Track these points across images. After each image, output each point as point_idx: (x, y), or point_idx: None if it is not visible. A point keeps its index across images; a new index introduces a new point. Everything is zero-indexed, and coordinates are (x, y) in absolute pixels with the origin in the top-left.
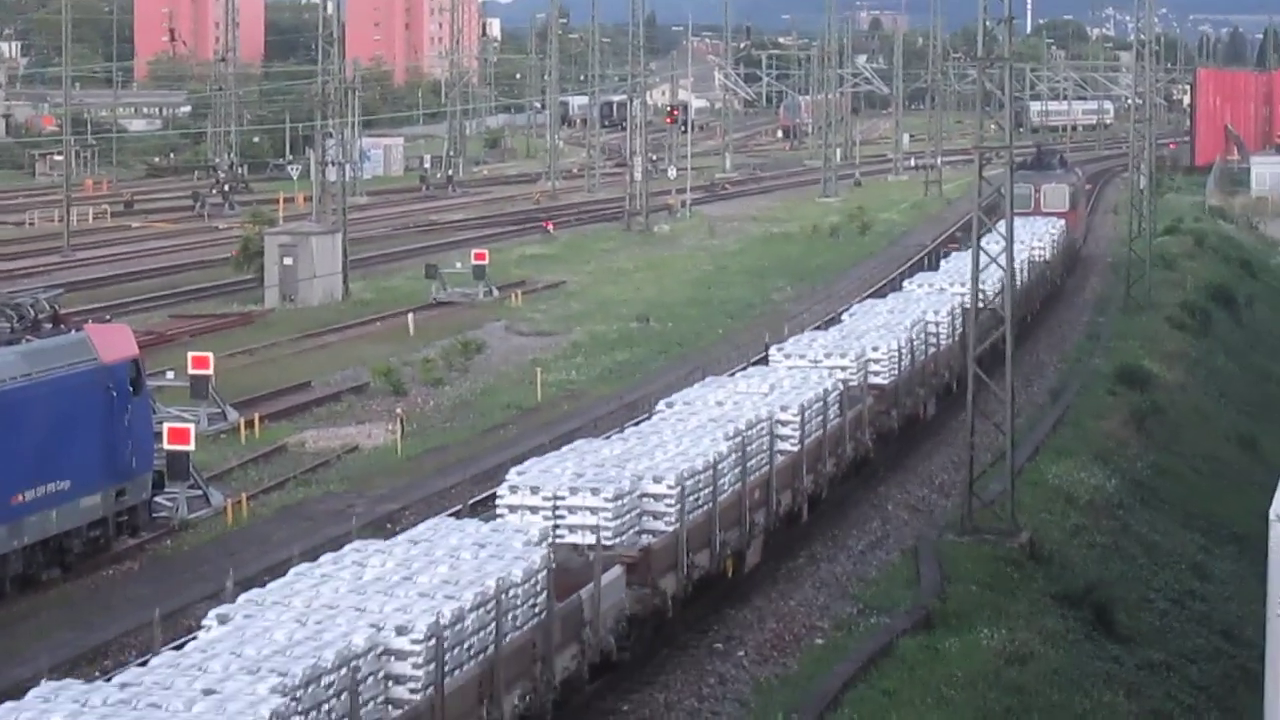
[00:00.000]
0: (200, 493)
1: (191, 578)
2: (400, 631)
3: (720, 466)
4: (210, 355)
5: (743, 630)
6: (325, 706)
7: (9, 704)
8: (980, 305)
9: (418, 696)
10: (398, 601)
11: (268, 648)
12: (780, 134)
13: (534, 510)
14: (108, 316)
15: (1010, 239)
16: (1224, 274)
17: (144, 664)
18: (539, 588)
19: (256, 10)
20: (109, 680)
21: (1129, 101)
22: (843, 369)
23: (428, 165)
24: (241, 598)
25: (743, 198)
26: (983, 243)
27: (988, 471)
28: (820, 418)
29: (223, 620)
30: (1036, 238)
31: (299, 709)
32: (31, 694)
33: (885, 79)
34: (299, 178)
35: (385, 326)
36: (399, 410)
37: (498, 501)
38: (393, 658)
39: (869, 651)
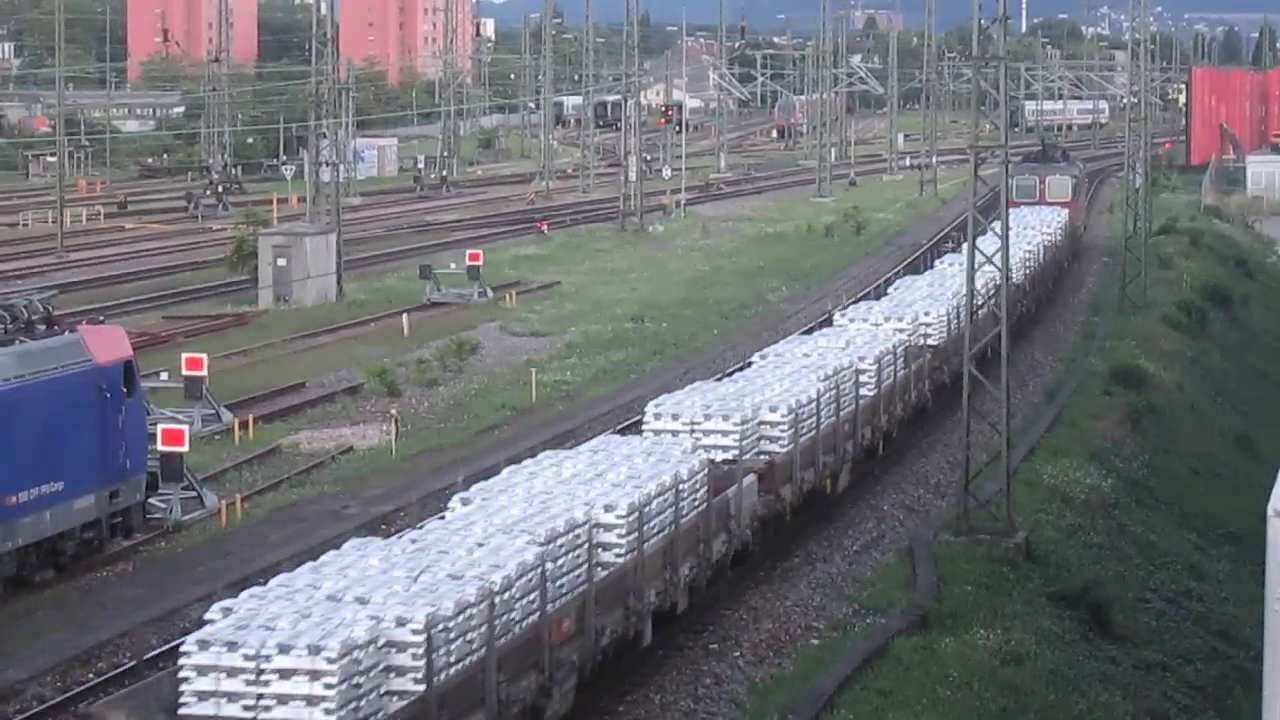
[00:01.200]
0: (194, 494)
1: (185, 579)
2: (608, 509)
3: (820, 401)
4: (204, 356)
5: (738, 631)
6: (560, 560)
7: (331, 552)
8: (979, 305)
9: (624, 558)
10: (597, 490)
11: (509, 519)
12: (775, 134)
13: (675, 434)
14: (101, 318)
15: (1006, 238)
16: (1220, 273)
17: (419, 528)
18: (699, 485)
19: (250, 10)
20: (401, 537)
21: (1124, 101)
22: (900, 330)
23: (422, 165)
24: (475, 486)
25: (737, 198)
26: (979, 242)
27: (983, 471)
28: (890, 368)
29: (465, 503)
30: (1045, 224)
31: (548, 557)
32: (347, 545)
33: (880, 79)
34: (293, 178)
35: (379, 327)
36: (393, 411)
37: (644, 427)
38: (601, 529)
39: (865, 652)
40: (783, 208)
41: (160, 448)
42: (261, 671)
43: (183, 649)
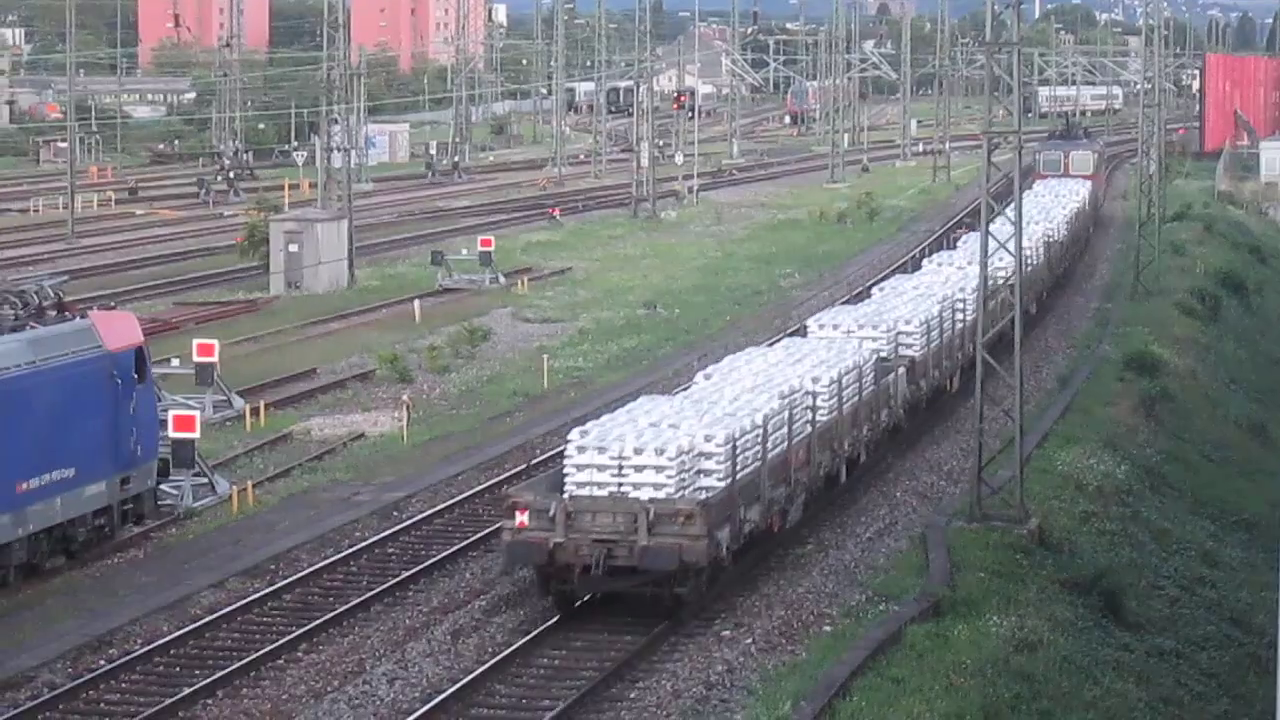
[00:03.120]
0: (205, 481)
1: (197, 566)
2: (815, 380)
3: (941, 316)
4: (215, 343)
5: (751, 618)
6: (794, 411)
7: (629, 404)
8: (997, 282)
9: (830, 415)
10: (800, 371)
11: (746, 386)
12: (787, 120)
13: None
14: (112, 304)
15: (1019, 224)
16: (1233, 260)
17: (681, 392)
18: (869, 371)
19: None
20: (674, 395)
21: (1138, 87)
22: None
23: (433, 152)
24: (710, 367)
25: (750, 184)
26: (992, 227)
27: (996, 458)
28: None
29: (707, 378)
30: (1073, 193)
31: (786, 407)
32: (639, 400)
33: (893, 64)
34: (304, 164)
35: (391, 313)
36: (405, 398)
37: (809, 334)
38: (813, 395)
39: (878, 639)
40: (796, 194)
41: (171, 434)
42: (622, 465)
43: (565, 451)
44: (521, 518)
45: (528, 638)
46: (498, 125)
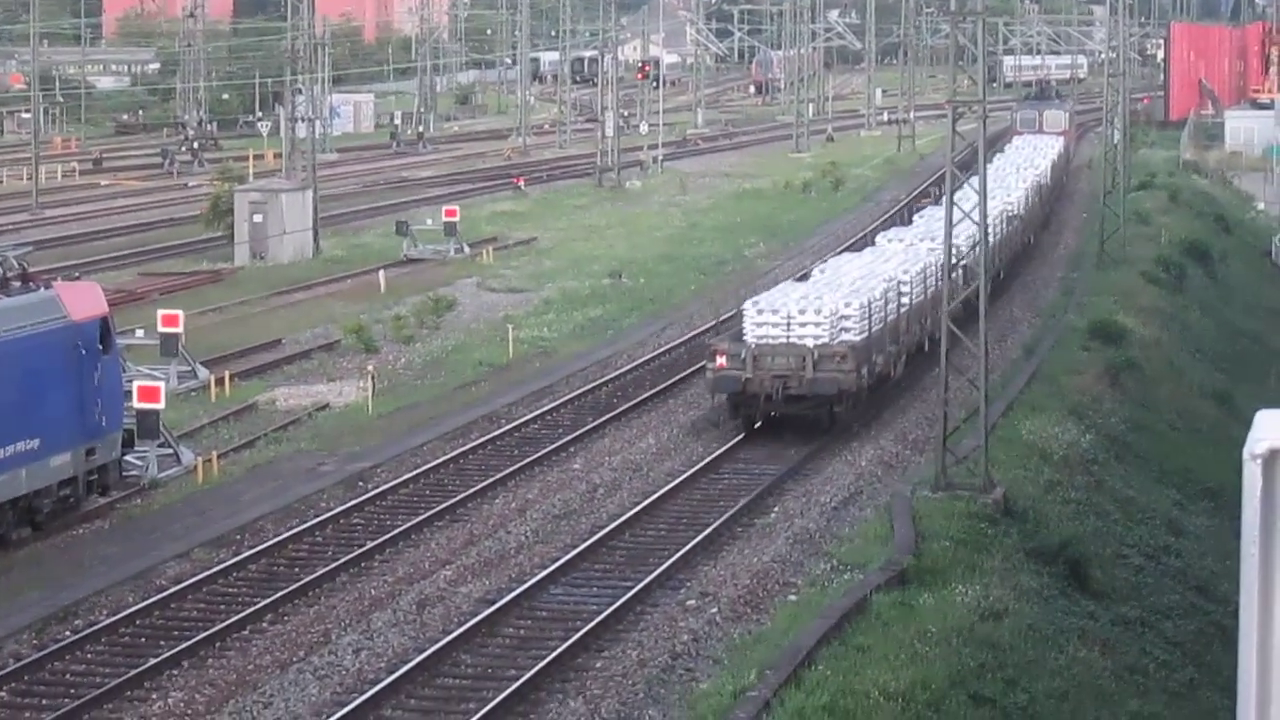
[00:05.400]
0: (170, 451)
1: (161, 537)
2: (904, 273)
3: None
4: (180, 313)
5: (716, 587)
6: (893, 293)
7: (783, 283)
8: (958, 255)
9: (916, 299)
10: (889, 268)
11: (853, 276)
12: (752, 89)
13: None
14: (77, 274)
15: (984, 193)
16: (1198, 229)
17: (804, 278)
18: (933, 271)
19: None
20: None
21: (1102, 56)
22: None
23: (398, 122)
24: (819, 265)
25: (714, 153)
26: (956, 197)
27: (961, 427)
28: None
29: (821, 272)
30: (1050, 146)
31: (889, 289)
32: (781, 284)
33: (858, 34)
34: (269, 135)
35: (356, 284)
36: (370, 368)
37: (877, 243)
38: (902, 284)
39: (843, 608)
40: (760, 163)
41: (136, 405)
42: (790, 322)
43: (743, 310)
44: (721, 360)
45: (492, 607)
46: (462, 95)
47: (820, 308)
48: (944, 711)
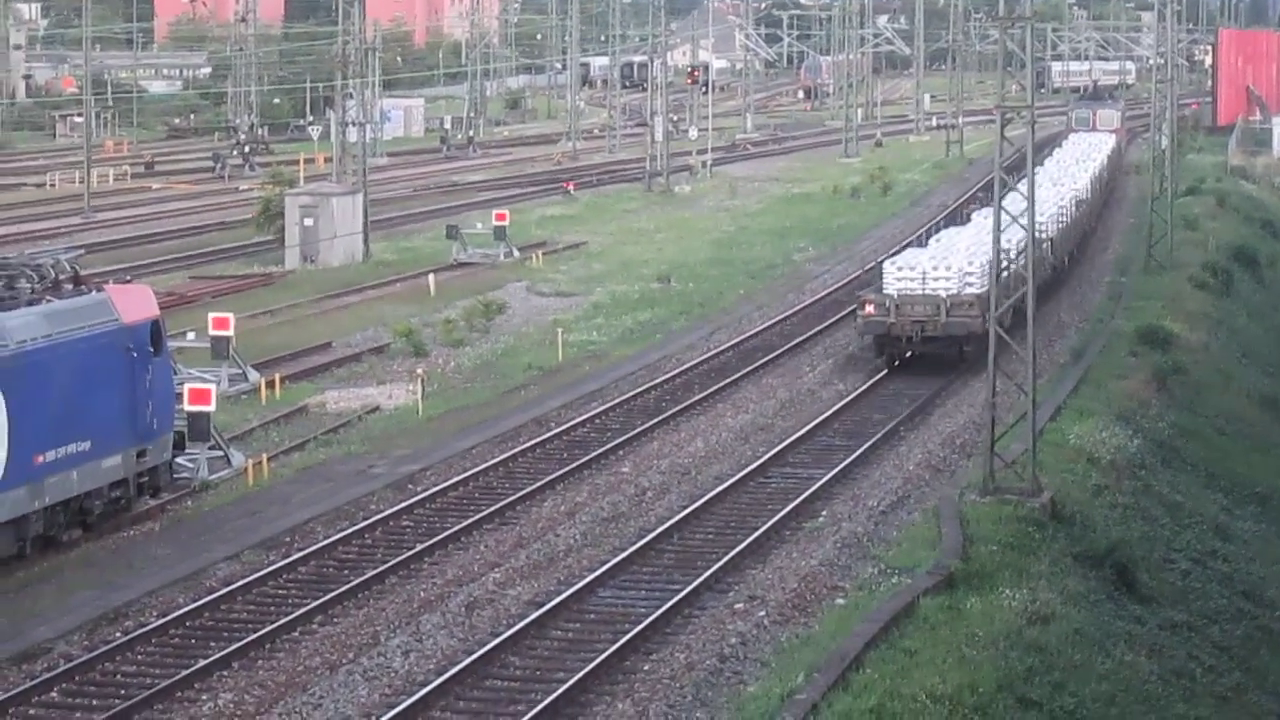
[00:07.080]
0: (221, 453)
1: (212, 539)
2: (1006, 241)
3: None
4: (231, 316)
5: (764, 590)
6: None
7: (909, 250)
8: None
9: (1013, 266)
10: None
11: (966, 243)
12: (801, 94)
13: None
14: (128, 277)
15: (1032, 198)
16: (1246, 234)
17: (920, 245)
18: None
19: None
20: (922, 249)
21: (1151, 62)
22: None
23: (448, 126)
24: (934, 236)
25: (764, 158)
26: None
27: (1009, 432)
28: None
29: (937, 241)
30: (1104, 142)
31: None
32: (904, 252)
33: (906, 39)
34: (319, 139)
35: (406, 287)
36: (420, 371)
37: (972, 219)
38: (1010, 252)
39: (890, 611)
40: (809, 168)
41: (187, 407)
42: (925, 277)
43: (883, 267)
44: (869, 308)
45: (541, 609)
46: (512, 100)
47: (950, 264)
48: (991, 715)
